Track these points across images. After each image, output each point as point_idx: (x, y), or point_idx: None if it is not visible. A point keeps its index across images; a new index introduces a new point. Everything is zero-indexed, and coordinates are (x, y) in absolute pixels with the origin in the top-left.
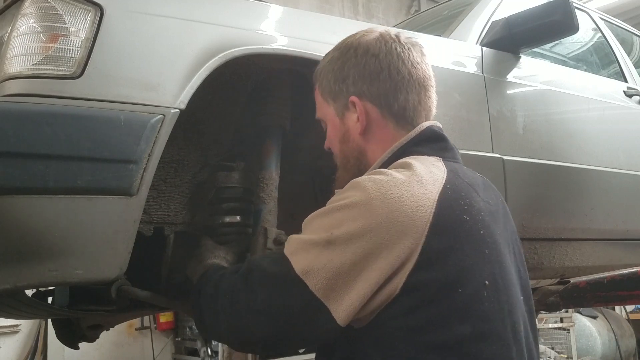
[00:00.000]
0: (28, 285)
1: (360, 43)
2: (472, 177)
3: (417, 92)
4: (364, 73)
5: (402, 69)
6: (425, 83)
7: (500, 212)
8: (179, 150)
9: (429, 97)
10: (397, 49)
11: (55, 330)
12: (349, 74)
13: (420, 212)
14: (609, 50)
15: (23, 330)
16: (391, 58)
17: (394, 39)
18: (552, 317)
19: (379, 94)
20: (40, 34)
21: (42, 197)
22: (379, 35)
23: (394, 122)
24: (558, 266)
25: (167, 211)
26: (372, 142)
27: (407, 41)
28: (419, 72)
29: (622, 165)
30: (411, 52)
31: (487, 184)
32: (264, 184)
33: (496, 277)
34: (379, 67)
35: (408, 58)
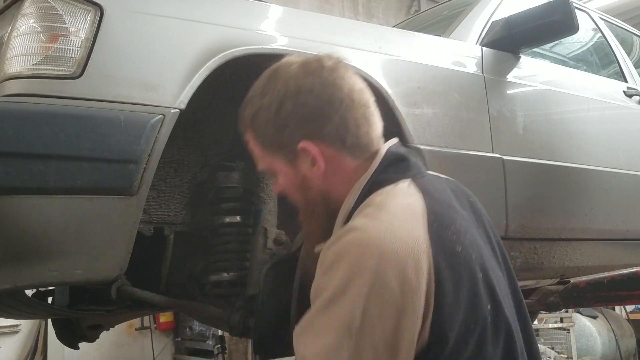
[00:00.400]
0: (28, 285)
1: (288, 82)
2: (443, 189)
3: (362, 115)
4: (306, 114)
5: (342, 96)
6: (365, 100)
7: (476, 213)
8: (179, 150)
9: (372, 113)
10: (328, 77)
11: (55, 330)
12: (289, 119)
13: (421, 263)
14: (609, 50)
15: (23, 330)
16: (327, 89)
17: (320, 66)
18: (552, 317)
19: (329, 131)
20: (40, 34)
21: (42, 197)
22: (303, 67)
23: (351, 154)
24: (558, 266)
25: (167, 211)
26: (335, 182)
27: (331, 62)
28: (357, 92)
29: (622, 165)
30: (343, 74)
31: (455, 188)
32: (264, 184)
33: (498, 299)
34: (319, 103)
35: (342, 81)
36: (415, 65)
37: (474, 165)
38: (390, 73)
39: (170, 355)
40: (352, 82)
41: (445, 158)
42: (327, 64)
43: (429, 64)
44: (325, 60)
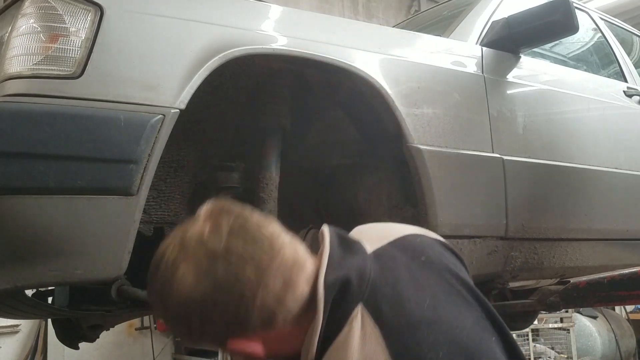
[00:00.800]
0: (28, 285)
1: (183, 298)
2: (395, 290)
3: (282, 290)
4: (217, 323)
5: (252, 292)
6: (283, 271)
7: (435, 287)
8: (179, 150)
9: (297, 266)
10: (222, 274)
11: (55, 330)
12: (204, 331)
13: None
14: (609, 50)
15: (23, 330)
16: (227, 290)
17: (210, 257)
18: (552, 317)
19: (251, 328)
20: (40, 34)
21: (42, 197)
22: (189, 270)
23: (287, 323)
24: (558, 266)
25: (167, 211)
26: (283, 346)
27: (222, 240)
28: (267, 271)
29: (622, 165)
30: (242, 257)
31: (408, 261)
32: (264, 184)
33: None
34: (227, 310)
35: (243, 268)
36: (415, 65)
37: (474, 165)
38: (390, 73)
39: (170, 355)
40: (252, 255)
41: (445, 158)
42: (217, 246)
43: (429, 64)
44: (212, 243)
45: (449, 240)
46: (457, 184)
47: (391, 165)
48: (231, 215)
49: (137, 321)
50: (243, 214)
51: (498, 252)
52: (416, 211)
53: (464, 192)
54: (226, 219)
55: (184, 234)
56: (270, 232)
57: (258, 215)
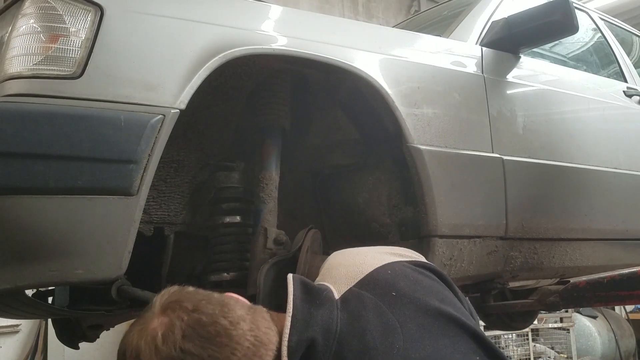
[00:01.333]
0: (28, 285)
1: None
2: (362, 343)
3: None
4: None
5: None
6: (253, 343)
7: (407, 325)
8: (179, 150)
9: (261, 347)
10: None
11: (55, 330)
12: None
13: None
14: (608, 50)
15: (23, 330)
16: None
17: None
18: (552, 317)
19: None
20: (41, 34)
21: (42, 197)
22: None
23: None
24: (558, 266)
25: (167, 211)
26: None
27: (176, 345)
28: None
29: (622, 165)
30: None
31: (377, 303)
32: (264, 184)
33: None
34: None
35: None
36: (415, 65)
37: (474, 165)
38: (390, 73)
39: None
40: (213, 358)
41: (445, 158)
42: (174, 359)
43: (429, 64)
44: (170, 359)
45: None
46: (457, 184)
47: (391, 165)
48: (185, 312)
49: None
50: (198, 308)
51: (498, 252)
52: (416, 211)
53: (464, 192)
54: (179, 318)
55: (141, 335)
56: (228, 321)
57: (215, 303)
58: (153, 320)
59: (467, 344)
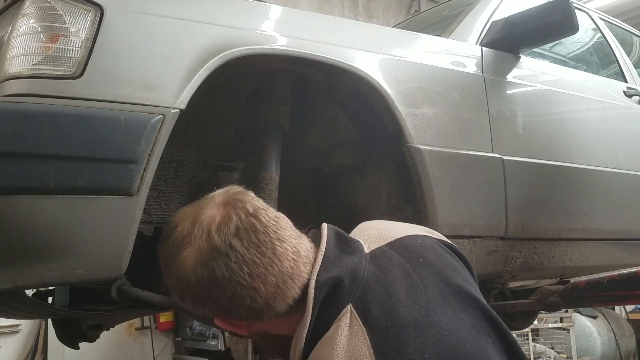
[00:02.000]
0: (28, 285)
1: (181, 279)
2: (387, 292)
3: (278, 296)
4: (207, 308)
5: (243, 292)
6: (280, 276)
7: (430, 291)
8: (179, 150)
9: (294, 277)
10: (222, 271)
11: (55, 330)
12: (195, 308)
13: None
14: (608, 50)
15: (23, 330)
16: (223, 287)
17: (212, 253)
18: (552, 317)
19: (238, 317)
20: (41, 34)
21: (42, 197)
22: (194, 256)
23: (274, 317)
24: (558, 266)
25: (167, 211)
26: (268, 329)
27: (226, 240)
28: (263, 276)
29: (622, 165)
30: (240, 257)
31: (405, 264)
32: (264, 184)
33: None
34: (220, 302)
35: (241, 271)
36: (415, 65)
37: (474, 165)
38: (390, 73)
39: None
40: (257, 266)
41: (445, 158)
42: (221, 245)
43: (429, 64)
44: (218, 241)
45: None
46: (457, 184)
47: (391, 165)
48: (245, 212)
49: (137, 321)
50: (257, 214)
51: (498, 252)
52: (416, 211)
53: (464, 192)
54: (238, 215)
55: (197, 218)
56: (277, 237)
57: (271, 215)
58: (212, 209)
59: (483, 325)
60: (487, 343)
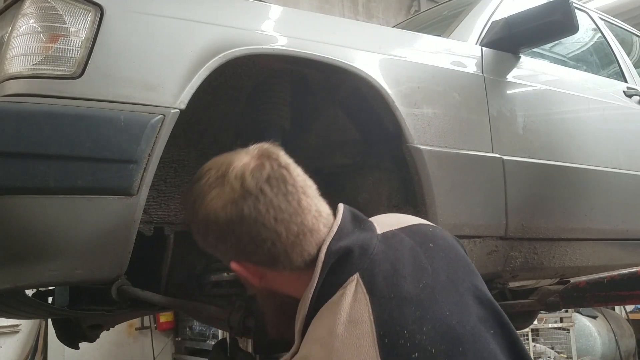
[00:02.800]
0: (28, 285)
1: (208, 216)
2: (394, 268)
3: (296, 245)
4: (229, 247)
5: (266, 234)
6: (301, 227)
7: (438, 274)
8: (179, 150)
9: (313, 231)
10: (251, 213)
11: (55, 330)
12: (216, 245)
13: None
14: (608, 50)
15: (23, 330)
16: (248, 226)
17: (243, 194)
18: (552, 317)
19: (255, 261)
20: (41, 34)
21: (42, 197)
22: (226, 194)
23: (288, 270)
24: (558, 266)
25: (167, 211)
26: (278, 285)
27: (258, 184)
28: (287, 222)
29: (622, 165)
30: (269, 200)
31: (415, 246)
32: None
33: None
34: (241, 241)
35: (267, 213)
36: (415, 65)
37: (474, 165)
38: (390, 73)
39: (170, 355)
40: (282, 212)
41: (445, 158)
42: (256, 186)
43: (429, 64)
44: (251, 181)
45: None
46: (457, 184)
47: (391, 165)
48: (277, 164)
49: (137, 321)
50: (288, 167)
51: (498, 252)
52: (416, 211)
53: (464, 192)
54: (271, 165)
55: (231, 163)
56: (304, 191)
57: (300, 172)
58: (247, 157)
59: (487, 316)
60: (487, 333)
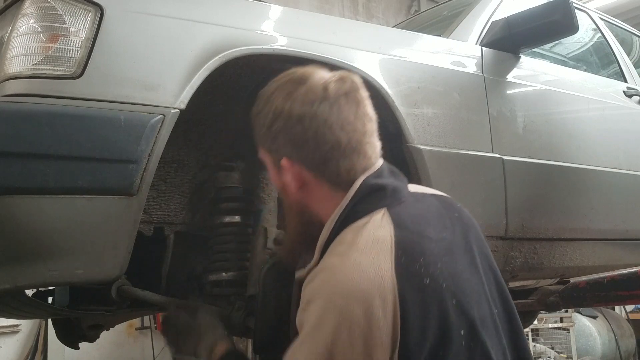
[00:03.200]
0: (28, 285)
1: (285, 102)
2: (420, 215)
3: (348, 157)
4: (291, 139)
5: (330, 137)
6: (358, 146)
7: (457, 234)
8: (179, 150)
9: (364, 155)
10: (323, 113)
11: (55, 330)
12: (278, 135)
13: (387, 299)
14: (608, 50)
15: (23, 330)
16: (317, 124)
17: (323, 96)
18: (552, 317)
19: (308, 160)
20: (41, 34)
21: (42, 197)
22: (306, 93)
23: (329, 184)
24: (558, 266)
25: (167, 211)
26: (311, 202)
27: (338, 93)
28: (350, 134)
29: (622, 165)
30: (342, 111)
31: (439, 209)
32: (264, 184)
33: (474, 323)
34: (305, 136)
35: (337, 121)
36: (415, 65)
37: (474, 165)
38: (390, 73)
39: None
40: (349, 122)
41: (445, 158)
42: (334, 94)
43: (429, 64)
44: (333, 89)
45: None
46: (457, 183)
47: None
48: (356, 88)
49: (137, 321)
50: (364, 95)
51: (498, 252)
52: None
53: (464, 192)
54: (351, 85)
55: (315, 72)
56: (370, 120)
57: (370, 108)
58: (332, 73)
59: (493, 293)
60: (489, 307)
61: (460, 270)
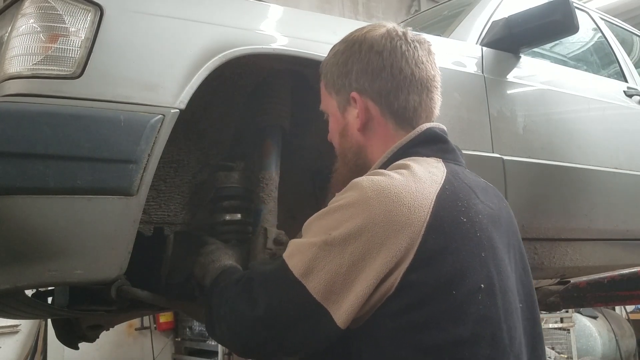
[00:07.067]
0: (28, 285)
1: (365, 38)
2: (473, 180)
3: (418, 93)
4: (367, 69)
5: (405, 69)
6: (428, 84)
7: (503, 217)
8: (179, 150)
9: (431, 99)
10: (402, 47)
11: (55, 330)
12: (352, 69)
13: (417, 211)
14: (609, 50)
15: (23, 330)
16: (395, 56)
17: (400, 37)
18: (552, 317)
19: (380, 92)
20: (40, 34)
21: (42, 197)
22: (386, 32)
23: (394, 121)
24: (558, 266)
25: (167, 211)
26: (371, 139)
27: (414, 38)
28: (423, 72)
29: (622, 165)
30: (417, 51)
31: (490, 189)
32: (264, 184)
33: (493, 280)
34: (382, 65)
35: (412, 57)
36: None
37: (474, 165)
38: None
39: (170, 355)
40: (422, 63)
41: None
42: (411, 38)
43: None
44: (410, 35)
45: None
46: None
47: None
48: (430, 46)
49: (137, 321)
50: (434, 55)
51: None
52: None
53: None
54: (425, 40)
55: (387, 25)
56: (438, 73)
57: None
58: (401, 30)
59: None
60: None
61: (496, 242)
